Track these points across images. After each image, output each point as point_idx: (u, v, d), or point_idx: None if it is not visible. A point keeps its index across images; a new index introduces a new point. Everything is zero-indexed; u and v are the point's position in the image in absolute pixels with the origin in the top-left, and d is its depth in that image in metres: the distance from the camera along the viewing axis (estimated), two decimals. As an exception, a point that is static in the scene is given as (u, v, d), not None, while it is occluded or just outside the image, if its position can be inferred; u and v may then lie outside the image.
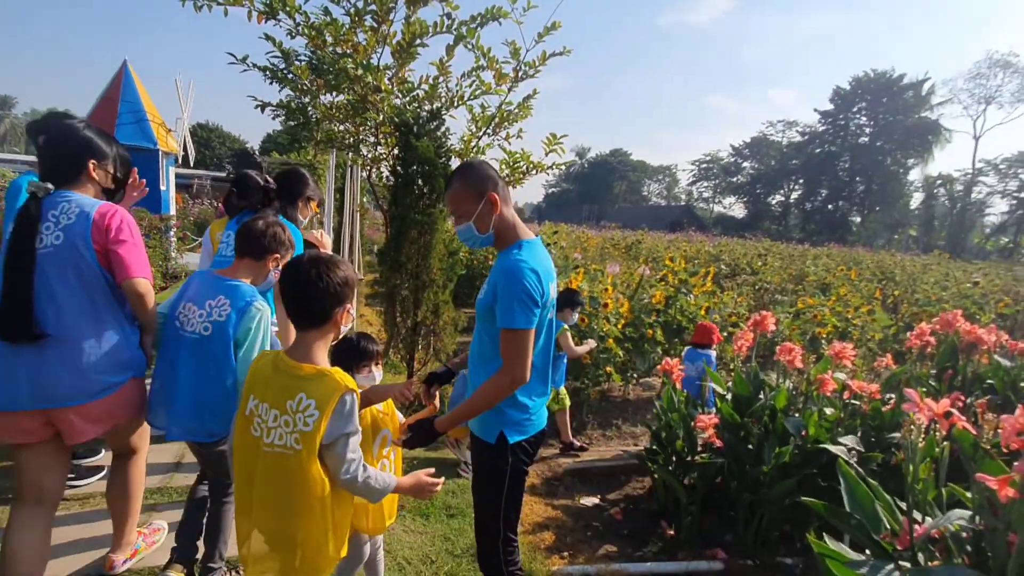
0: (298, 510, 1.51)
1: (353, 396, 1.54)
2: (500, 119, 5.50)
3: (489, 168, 1.96)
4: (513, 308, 1.76)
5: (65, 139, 2.05)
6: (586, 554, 3.16)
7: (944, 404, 2.18)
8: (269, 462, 1.51)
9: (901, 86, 55.77)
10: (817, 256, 14.98)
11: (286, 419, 1.49)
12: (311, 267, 1.57)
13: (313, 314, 1.59)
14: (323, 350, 1.62)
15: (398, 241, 4.64)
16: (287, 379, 1.53)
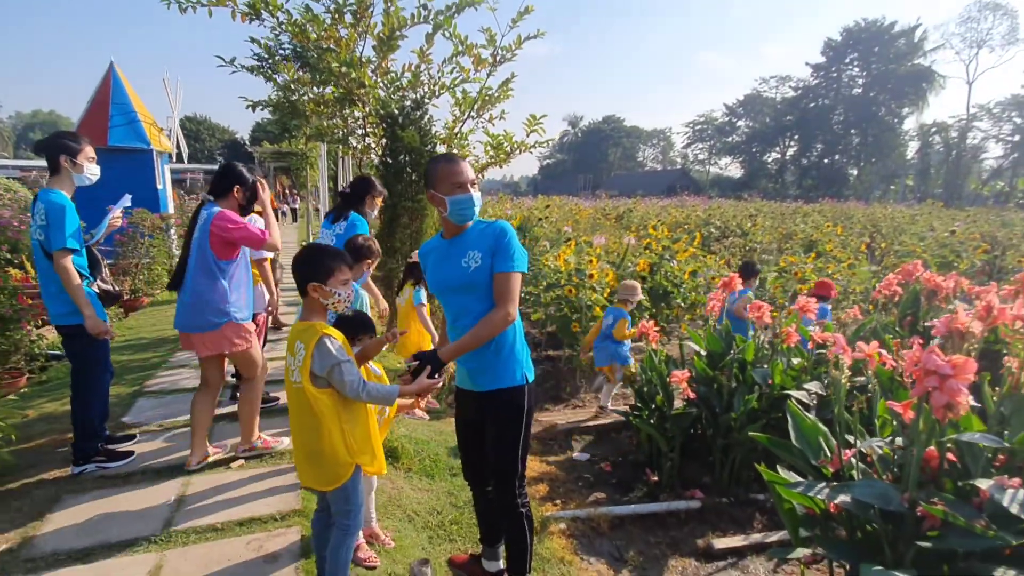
0: (310, 425, 2.02)
1: (330, 338, 2.00)
2: (482, 103, 5.73)
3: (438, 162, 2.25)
4: (515, 254, 2.10)
5: (227, 171, 3.18)
6: (576, 501, 3.52)
7: (874, 345, 2.50)
8: (292, 394, 2.06)
9: (892, 34, 55.01)
10: (808, 214, 15.20)
11: (294, 361, 2.03)
12: (304, 250, 2.16)
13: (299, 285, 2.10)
14: (317, 313, 2.10)
15: (391, 227, 4.93)
16: (294, 334, 2.07)
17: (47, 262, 2.94)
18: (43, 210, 2.88)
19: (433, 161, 2.25)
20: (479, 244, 2.14)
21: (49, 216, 2.86)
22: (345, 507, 2.08)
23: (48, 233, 2.86)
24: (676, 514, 3.43)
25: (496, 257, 2.10)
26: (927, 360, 1.86)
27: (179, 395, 4.34)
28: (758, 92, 68.16)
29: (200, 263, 3.01)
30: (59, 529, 2.60)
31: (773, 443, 2.52)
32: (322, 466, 2.03)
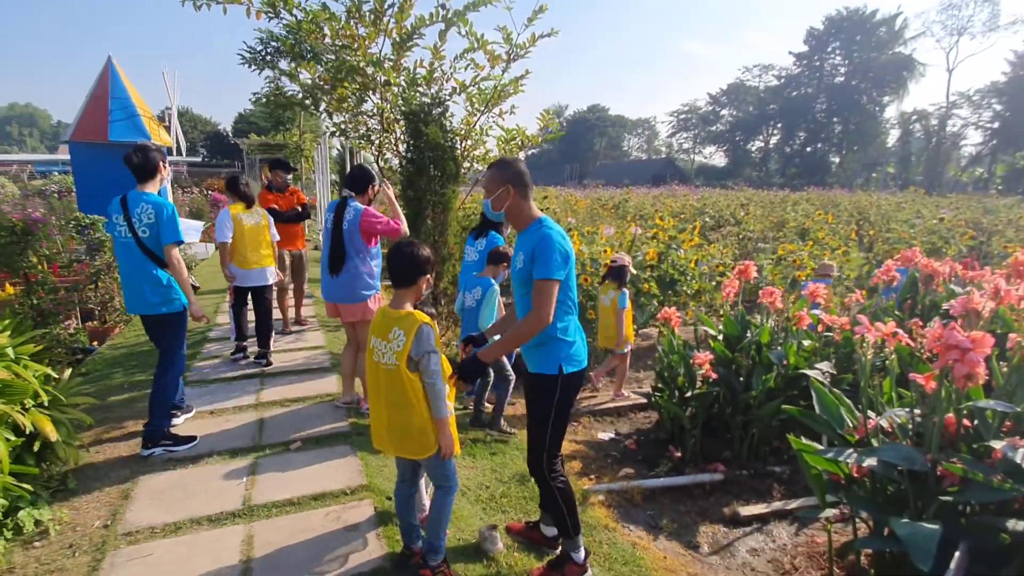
0: (403, 404, 2.25)
1: (428, 327, 2.24)
2: (496, 98, 5.91)
3: (518, 166, 2.45)
4: (551, 263, 2.26)
5: (363, 173, 3.93)
6: (608, 476, 3.78)
7: (891, 326, 2.75)
8: (383, 375, 2.27)
9: (874, 22, 55.72)
10: (796, 202, 15.57)
11: (389, 345, 2.24)
12: (407, 247, 2.35)
13: (407, 277, 2.33)
14: (410, 302, 2.36)
15: (416, 221, 5.11)
16: (389, 320, 2.27)
17: (142, 256, 3.34)
18: (151, 209, 3.33)
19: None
20: (525, 247, 2.37)
21: (161, 215, 3.34)
22: (442, 470, 2.37)
23: (160, 229, 3.34)
24: (701, 486, 3.70)
25: (535, 263, 2.30)
26: (949, 336, 2.12)
27: (221, 384, 4.52)
28: (742, 81, 68.74)
29: (353, 249, 3.79)
30: (145, 506, 2.80)
31: (804, 415, 2.78)
32: (416, 438, 2.28)
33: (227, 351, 5.28)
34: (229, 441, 3.51)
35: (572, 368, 2.42)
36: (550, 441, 2.46)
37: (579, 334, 2.51)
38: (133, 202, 3.33)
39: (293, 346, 5.62)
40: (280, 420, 3.86)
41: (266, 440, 3.53)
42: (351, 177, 3.93)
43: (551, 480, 2.49)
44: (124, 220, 3.33)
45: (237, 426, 3.71)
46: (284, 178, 5.94)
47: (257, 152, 22.10)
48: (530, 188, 2.47)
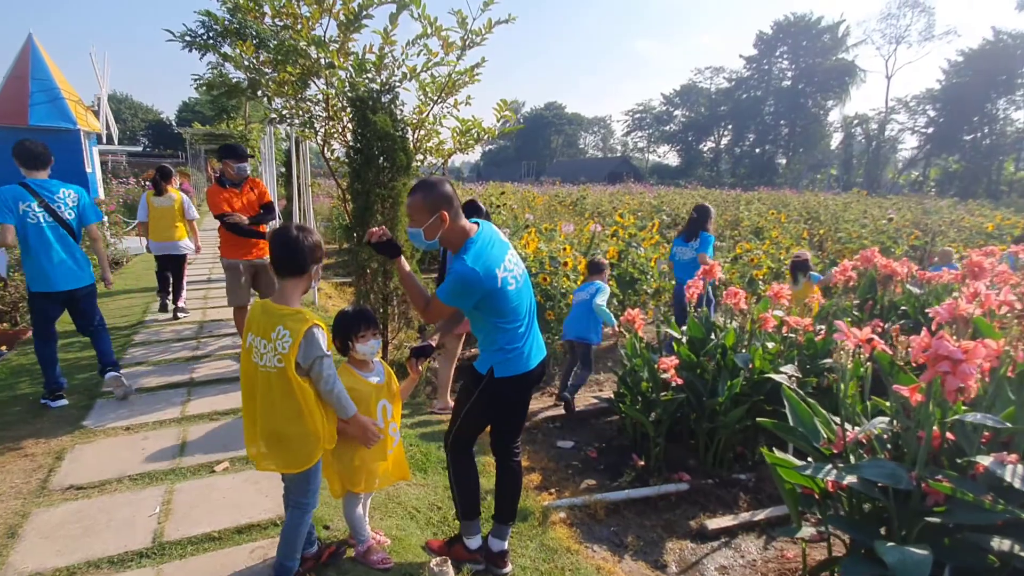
0: (285, 410, 2.04)
1: (319, 330, 2.05)
2: (450, 86, 5.59)
3: (445, 188, 2.34)
4: (449, 290, 2.26)
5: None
6: (570, 489, 3.55)
7: (866, 331, 2.60)
8: (263, 379, 2.04)
9: (819, 29, 57.71)
10: (749, 201, 15.80)
11: (271, 346, 2.01)
12: (293, 230, 2.10)
13: (295, 267, 2.09)
14: (298, 296, 2.13)
15: (364, 216, 4.76)
16: (272, 318, 2.04)
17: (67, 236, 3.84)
18: (74, 194, 3.91)
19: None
20: (451, 269, 2.34)
21: (83, 198, 3.98)
22: (306, 487, 2.18)
23: (85, 211, 3.97)
24: (667, 497, 3.51)
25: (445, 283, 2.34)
26: (939, 346, 1.96)
27: (143, 395, 4.07)
28: (694, 83, 70.13)
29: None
30: (34, 547, 2.39)
31: (779, 427, 2.61)
32: (292, 450, 2.09)
33: (153, 356, 4.81)
34: (144, 463, 3.10)
35: (505, 373, 2.42)
36: (458, 427, 2.55)
37: (523, 342, 2.45)
38: (46, 189, 3.77)
39: (230, 352, 5.18)
40: (207, 437, 3.46)
41: (188, 461, 3.13)
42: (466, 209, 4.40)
43: (447, 456, 2.61)
44: (40, 206, 3.72)
45: (156, 446, 3.29)
46: (237, 168, 5.02)
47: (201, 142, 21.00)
48: (460, 208, 2.39)
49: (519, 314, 2.43)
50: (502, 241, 2.48)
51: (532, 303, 2.57)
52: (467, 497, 2.61)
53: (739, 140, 63.75)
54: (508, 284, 2.35)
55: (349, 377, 2.30)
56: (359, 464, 2.29)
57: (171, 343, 5.35)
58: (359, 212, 4.81)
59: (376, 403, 2.36)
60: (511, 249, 2.51)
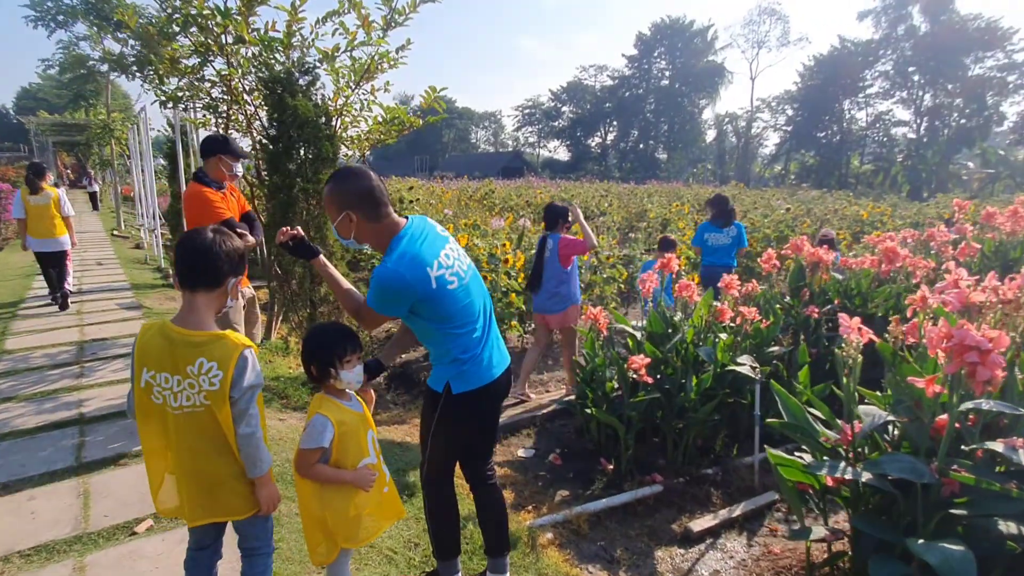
0: (218, 452, 1.70)
1: (251, 352, 1.69)
2: (372, 69, 5.14)
3: (359, 182, 2.02)
4: (374, 295, 1.99)
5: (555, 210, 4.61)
6: (547, 504, 3.31)
7: (856, 321, 2.57)
8: (181, 422, 1.66)
9: (692, 32, 61.62)
10: (651, 194, 16.41)
11: (189, 382, 1.62)
12: (207, 234, 1.69)
13: (209, 277, 1.69)
14: (212, 316, 1.72)
15: (286, 214, 4.20)
16: (183, 348, 1.63)
17: None
18: None
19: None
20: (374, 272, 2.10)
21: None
22: (264, 527, 1.91)
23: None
24: (644, 501, 3.38)
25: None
26: (965, 336, 1.92)
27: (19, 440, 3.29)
28: (580, 80, 72.30)
29: (552, 272, 4.50)
30: None
31: (786, 426, 2.52)
32: (236, 492, 1.76)
33: (24, 389, 3.95)
34: (38, 532, 2.45)
35: (464, 387, 2.13)
36: (428, 459, 2.28)
37: (480, 348, 2.17)
38: None
39: (125, 375, 4.39)
40: (117, 488, 2.82)
41: (98, 523, 2.51)
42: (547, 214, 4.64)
43: (424, 493, 2.34)
44: None
45: (49, 507, 2.62)
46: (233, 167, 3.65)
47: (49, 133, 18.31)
48: (382, 205, 2.05)
49: (471, 315, 2.14)
50: (437, 235, 2.16)
51: (487, 303, 2.28)
52: (445, 535, 2.35)
53: (624, 136, 66.65)
54: (447, 283, 2.04)
55: (336, 409, 1.88)
56: (355, 513, 1.89)
57: (45, 371, 4.44)
58: (279, 210, 4.24)
59: (366, 435, 1.97)
60: (450, 243, 2.19)
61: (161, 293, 7.66)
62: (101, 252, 11.07)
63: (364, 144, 5.60)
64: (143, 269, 9.46)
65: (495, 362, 2.22)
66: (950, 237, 5.96)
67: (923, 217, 12.55)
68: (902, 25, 44.09)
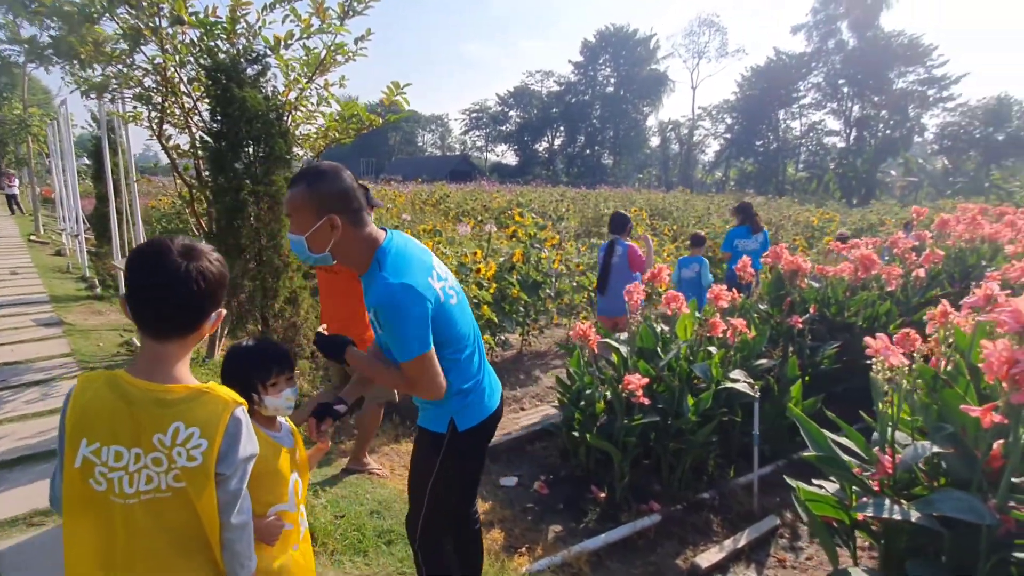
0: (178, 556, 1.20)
1: (244, 411, 1.23)
2: (328, 60, 4.70)
3: (341, 181, 1.70)
4: (406, 340, 1.63)
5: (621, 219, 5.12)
6: (541, 543, 2.98)
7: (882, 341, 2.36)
8: (135, 514, 1.16)
9: (635, 40, 62.88)
10: (606, 198, 16.40)
11: (156, 457, 1.15)
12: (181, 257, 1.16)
13: (187, 323, 1.20)
14: (187, 365, 1.25)
15: (232, 218, 3.71)
16: (149, 409, 1.15)
17: None
18: None
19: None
20: (370, 298, 1.70)
21: None
22: None
23: None
24: (644, 533, 3.10)
25: (387, 339, 1.71)
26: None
27: None
28: (527, 85, 72.58)
29: (620, 275, 4.75)
30: None
31: (822, 460, 2.28)
32: None
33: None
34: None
35: (471, 422, 1.85)
36: (428, 510, 1.92)
37: (480, 374, 1.90)
38: None
39: (40, 410, 3.78)
40: (30, 553, 2.30)
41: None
42: (615, 221, 5.10)
43: (417, 551, 1.98)
44: None
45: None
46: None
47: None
48: (363, 209, 1.73)
49: (468, 337, 1.86)
50: (421, 247, 1.87)
51: (474, 322, 1.98)
52: None
53: (571, 142, 67.26)
54: (449, 298, 1.78)
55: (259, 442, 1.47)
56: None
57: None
58: (225, 215, 3.75)
59: (288, 479, 1.60)
60: (434, 256, 1.90)
61: (86, 306, 6.88)
62: (16, 260, 10.00)
63: (319, 143, 5.14)
64: (64, 279, 8.55)
65: (494, 388, 1.98)
66: (912, 243, 6.02)
67: (866, 223, 13.00)
68: (832, 40, 46.42)
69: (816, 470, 3.75)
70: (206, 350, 5.11)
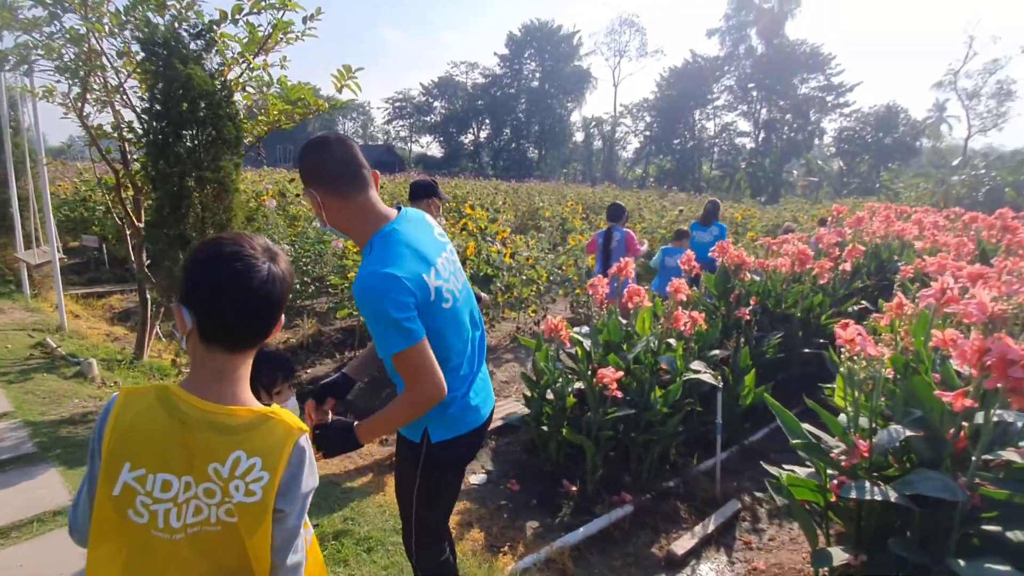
0: None
1: (308, 439, 1.10)
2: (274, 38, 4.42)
3: (323, 152, 1.59)
4: (386, 334, 1.48)
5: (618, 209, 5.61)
6: (520, 540, 2.95)
7: (852, 332, 2.51)
8: (180, 551, 1.00)
9: (559, 36, 63.69)
10: (541, 192, 16.52)
11: (208, 487, 1.00)
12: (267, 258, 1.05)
13: (266, 325, 1.08)
14: (248, 382, 1.11)
15: (176, 207, 3.40)
16: (208, 434, 1.00)
17: None
18: None
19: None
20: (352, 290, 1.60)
21: None
22: None
23: None
24: (619, 524, 3.15)
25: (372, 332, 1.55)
26: (1006, 350, 1.88)
27: None
28: (451, 76, 71.80)
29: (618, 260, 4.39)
30: None
31: (806, 448, 2.38)
32: None
33: None
34: None
35: (444, 435, 1.72)
36: (416, 527, 1.85)
37: (467, 386, 1.75)
38: None
39: None
40: None
41: None
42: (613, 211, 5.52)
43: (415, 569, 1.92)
44: None
45: None
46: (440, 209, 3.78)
47: None
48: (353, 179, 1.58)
49: (459, 346, 1.72)
50: (435, 237, 1.72)
51: (481, 329, 1.87)
52: None
53: (497, 135, 67.27)
54: (443, 300, 1.62)
55: None
56: None
57: None
58: (168, 203, 3.43)
59: None
60: (448, 250, 1.75)
61: (-22, 303, 6.13)
62: None
63: (261, 127, 4.82)
64: None
65: (482, 402, 1.82)
66: (836, 239, 6.45)
67: (781, 220, 13.85)
68: (743, 45, 49.09)
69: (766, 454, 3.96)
70: (134, 351, 4.69)
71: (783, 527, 3.31)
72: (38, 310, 6.03)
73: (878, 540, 2.34)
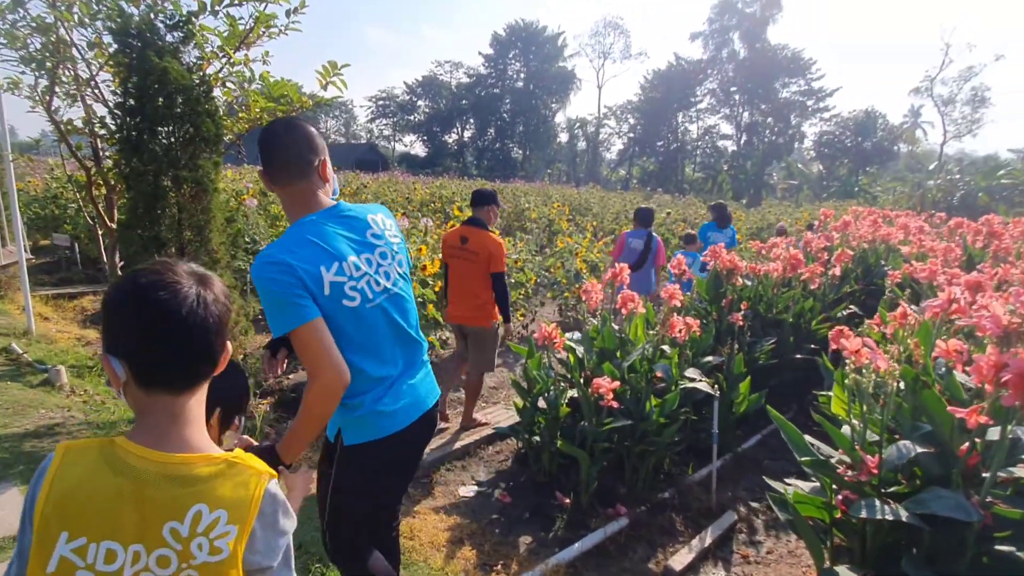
0: None
1: (276, 484, 0.99)
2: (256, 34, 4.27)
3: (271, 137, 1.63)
4: (277, 314, 1.49)
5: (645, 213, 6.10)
6: (514, 557, 2.84)
7: (857, 343, 2.44)
8: None
9: (544, 37, 63.71)
10: (527, 192, 16.41)
11: (161, 555, 0.86)
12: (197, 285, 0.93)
13: (209, 360, 0.95)
14: (203, 423, 0.98)
15: (151, 208, 3.23)
16: (165, 487, 0.87)
17: None
18: None
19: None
20: None
21: None
22: None
23: None
24: (615, 538, 3.05)
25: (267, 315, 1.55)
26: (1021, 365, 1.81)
27: None
28: (435, 75, 71.41)
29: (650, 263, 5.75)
30: None
31: (813, 464, 2.30)
32: None
33: None
34: None
35: (356, 439, 1.67)
36: (330, 520, 1.79)
37: (385, 391, 1.67)
38: None
39: None
40: None
41: None
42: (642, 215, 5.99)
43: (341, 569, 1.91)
44: None
45: None
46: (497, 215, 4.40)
47: None
48: (290, 169, 1.60)
49: (373, 348, 1.63)
50: (364, 237, 1.65)
51: (416, 335, 1.77)
52: None
53: (482, 134, 67.07)
54: (344, 297, 1.54)
55: None
56: None
57: None
58: (143, 203, 3.26)
59: None
60: (381, 250, 1.67)
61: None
62: None
63: (242, 125, 4.65)
64: None
65: (407, 407, 1.71)
66: (824, 244, 6.44)
67: (764, 222, 13.93)
68: (726, 49, 49.51)
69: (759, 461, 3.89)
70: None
71: (780, 539, 3.24)
72: (4, 313, 5.78)
73: (883, 558, 2.27)
